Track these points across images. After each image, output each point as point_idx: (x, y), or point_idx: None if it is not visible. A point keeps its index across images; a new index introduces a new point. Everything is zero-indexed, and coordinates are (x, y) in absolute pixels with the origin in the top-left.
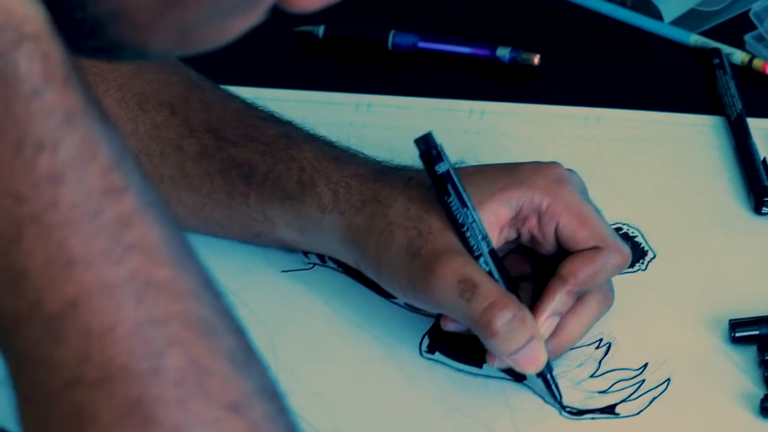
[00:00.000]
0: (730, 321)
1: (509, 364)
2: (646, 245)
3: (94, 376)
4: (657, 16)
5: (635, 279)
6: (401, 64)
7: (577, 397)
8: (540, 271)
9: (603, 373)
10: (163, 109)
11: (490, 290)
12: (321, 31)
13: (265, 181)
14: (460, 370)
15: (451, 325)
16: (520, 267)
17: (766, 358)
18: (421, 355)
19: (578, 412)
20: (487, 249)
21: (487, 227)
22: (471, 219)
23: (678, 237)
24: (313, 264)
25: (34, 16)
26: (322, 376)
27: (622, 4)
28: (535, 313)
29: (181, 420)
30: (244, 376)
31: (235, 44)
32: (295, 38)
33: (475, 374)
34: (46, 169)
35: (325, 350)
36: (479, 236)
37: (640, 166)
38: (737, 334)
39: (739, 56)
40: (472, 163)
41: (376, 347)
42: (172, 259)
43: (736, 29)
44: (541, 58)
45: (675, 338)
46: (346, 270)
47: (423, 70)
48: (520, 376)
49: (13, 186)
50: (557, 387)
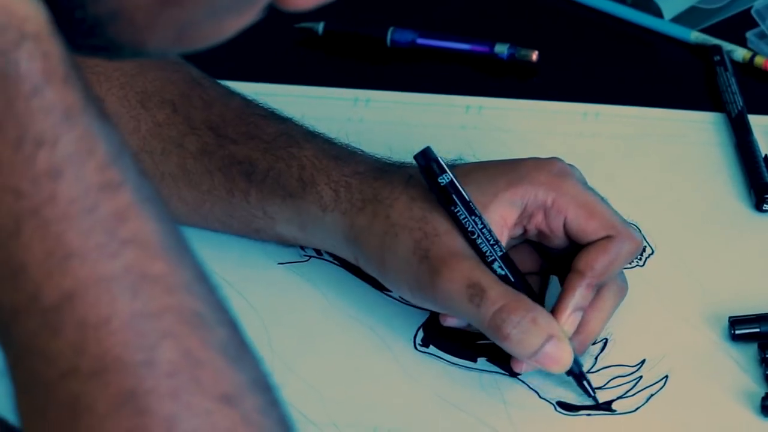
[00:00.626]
0: (730, 318)
1: (535, 367)
2: (645, 241)
3: (89, 367)
4: (657, 13)
5: (633, 275)
6: (400, 61)
7: (573, 393)
8: (547, 265)
9: (600, 370)
10: (164, 107)
11: (498, 294)
12: (321, 27)
13: (266, 178)
14: (455, 364)
15: (450, 321)
16: (526, 261)
17: (767, 356)
18: (416, 348)
19: (574, 408)
20: (499, 254)
21: (494, 229)
22: (480, 226)
23: (678, 233)
24: (309, 256)
25: (35, 15)
26: (317, 368)
27: (622, 1)
28: (557, 311)
29: (174, 411)
30: (237, 369)
31: (236, 40)
32: (295, 35)
33: (469, 368)
34: (45, 164)
35: (321, 342)
36: (490, 242)
37: (640, 162)
38: (737, 332)
39: (741, 53)
40: (470, 159)
41: (371, 340)
42: (167, 253)
43: (738, 26)
44: (540, 55)
45: (673, 335)
46: (342, 263)
47: (421, 67)
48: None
49: (13, 181)
50: (590, 384)
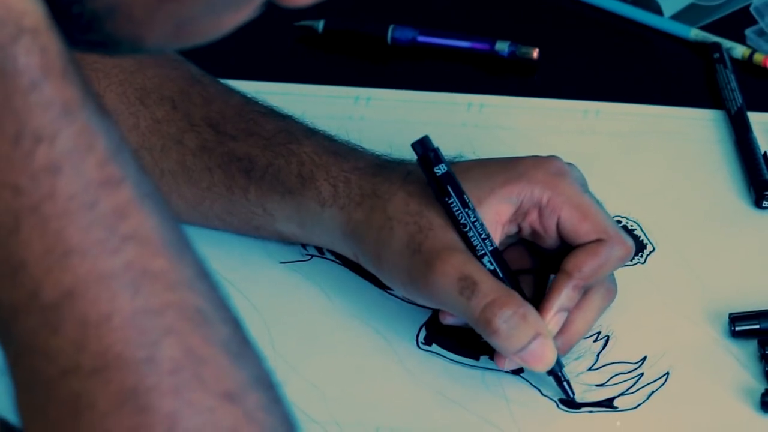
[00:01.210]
0: (730, 315)
1: (519, 364)
2: (645, 239)
3: (90, 364)
4: (657, 10)
5: (634, 272)
6: (400, 58)
7: (574, 390)
8: (541, 265)
9: (601, 366)
10: (164, 104)
11: (489, 288)
12: (321, 25)
13: (265, 175)
14: (457, 362)
15: (449, 319)
16: (520, 260)
17: (767, 353)
18: (418, 346)
19: (576, 405)
20: (490, 248)
21: (488, 224)
22: (473, 219)
23: (678, 230)
24: (311, 255)
25: (33, 10)
26: (319, 367)
27: None
28: (542, 310)
29: (176, 408)
30: (239, 366)
31: (236, 38)
32: (295, 33)
33: (472, 366)
34: (44, 160)
35: (323, 341)
36: (482, 236)
37: (640, 159)
38: (737, 328)
39: (740, 51)
40: (470, 156)
41: (374, 338)
42: (168, 250)
43: (737, 24)
44: (540, 52)
45: (674, 332)
46: (344, 262)
47: (422, 64)
48: (518, 369)
49: (12, 177)
50: (569, 384)
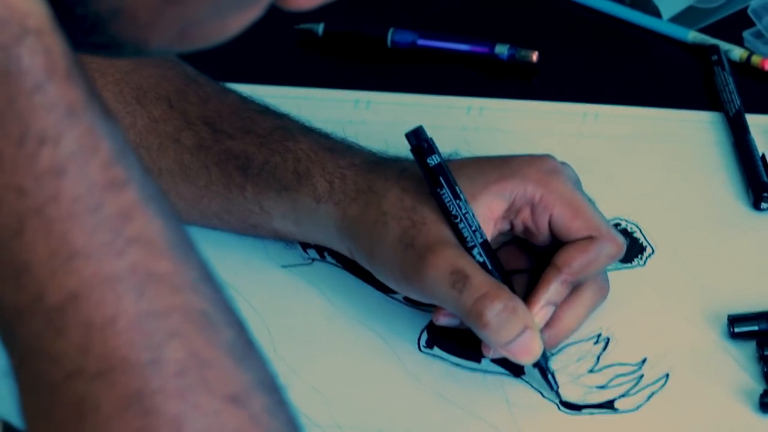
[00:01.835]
0: (729, 316)
1: (504, 355)
2: (644, 241)
3: (95, 367)
4: (655, 13)
5: (634, 274)
6: (400, 62)
7: (575, 392)
8: (535, 263)
9: (601, 368)
10: (160, 103)
11: (481, 281)
12: (321, 28)
13: (262, 172)
14: (459, 365)
15: (443, 320)
16: (514, 259)
17: (765, 354)
18: (420, 349)
19: (577, 407)
20: (480, 240)
21: (481, 220)
22: (464, 210)
23: (677, 232)
24: (312, 259)
25: (37, 10)
26: (321, 371)
27: (621, 2)
28: (529, 302)
29: (181, 411)
30: (244, 369)
31: (236, 41)
32: (295, 36)
33: (473, 369)
34: (49, 162)
35: (324, 345)
36: (472, 228)
37: (639, 162)
38: (736, 330)
39: (738, 53)
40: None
41: (375, 342)
42: (173, 252)
43: (735, 26)
44: (540, 55)
45: (674, 334)
46: (345, 265)
47: (422, 68)
48: (519, 371)
49: (16, 179)
50: (554, 377)
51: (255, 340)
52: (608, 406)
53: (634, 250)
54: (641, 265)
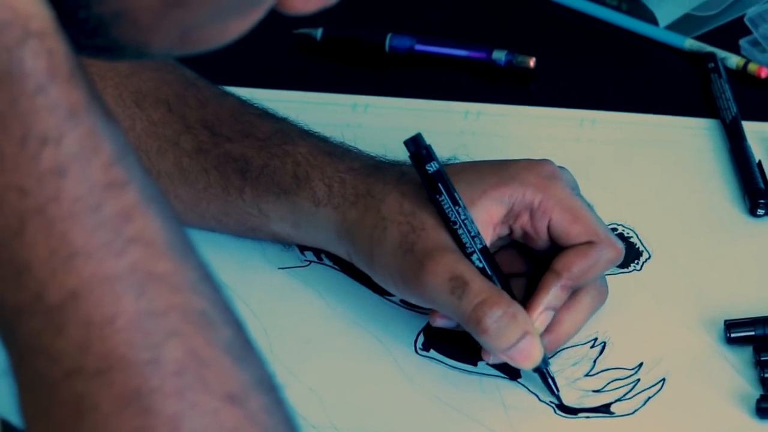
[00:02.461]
0: (726, 322)
1: (504, 360)
2: (641, 246)
3: (93, 366)
4: (652, 20)
5: (630, 279)
6: (398, 67)
7: (571, 396)
8: (533, 268)
9: (598, 372)
10: (159, 107)
11: (480, 287)
12: (319, 33)
13: (261, 175)
14: (455, 368)
15: (440, 321)
16: (513, 262)
17: (762, 359)
18: (416, 352)
19: (573, 411)
20: (479, 246)
21: (480, 225)
22: (463, 216)
23: (673, 238)
24: (310, 261)
25: (40, 13)
26: (317, 372)
27: (618, 9)
28: (529, 307)
29: (180, 410)
30: (242, 368)
31: (235, 46)
32: (294, 40)
33: (469, 372)
34: (50, 163)
35: (321, 347)
36: (471, 234)
37: (636, 168)
38: (733, 335)
39: (734, 60)
40: (464, 160)
41: (372, 344)
42: (172, 253)
43: (731, 34)
44: (537, 61)
45: (670, 338)
46: (342, 267)
47: (420, 73)
48: (515, 374)
49: (18, 179)
50: (554, 382)
51: (253, 340)
52: (604, 409)
53: (630, 255)
54: (638, 270)
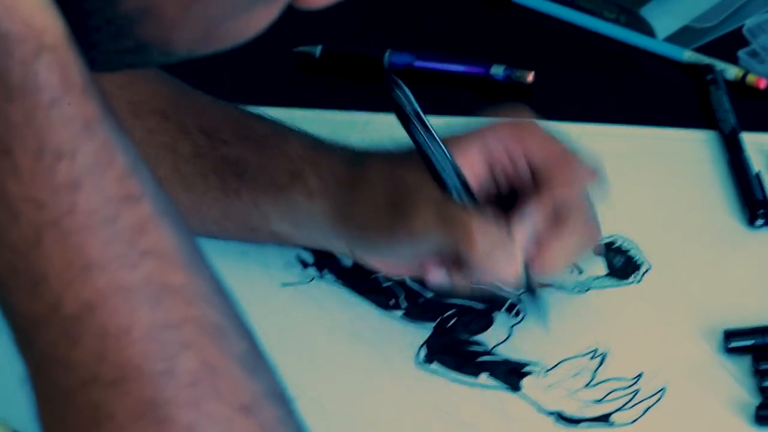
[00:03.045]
0: (725, 331)
1: (491, 277)
2: (640, 258)
3: (109, 376)
4: (651, 33)
5: (630, 291)
6: None
7: (572, 406)
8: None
9: (598, 383)
10: (155, 115)
11: (465, 215)
12: (318, 50)
13: (258, 176)
14: (457, 380)
15: (435, 275)
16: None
17: (761, 368)
18: (418, 365)
19: (573, 421)
20: (457, 180)
21: (464, 171)
22: (440, 149)
23: (673, 249)
24: (312, 277)
25: (54, 27)
26: (320, 386)
27: (616, 22)
28: (512, 220)
29: (194, 420)
30: (255, 380)
31: (235, 63)
32: (294, 58)
33: (471, 384)
34: (65, 175)
35: (324, 361)
36: (449, 167)
37: (635, 179)
38: (732, 345)
39: (733, 72)
40: None
41: (374, 358)
42: (186, 265)
43: (730, 45)
44: (536, 76)
45: (670, 348)
46: (344, 282)
47: (418, 89)
48: (517, 386)
49: (34, 192)
50: (544, 303)
51: (265, 352)
52: (604, 420)
53: (630, 267)
54: (637, 282)
